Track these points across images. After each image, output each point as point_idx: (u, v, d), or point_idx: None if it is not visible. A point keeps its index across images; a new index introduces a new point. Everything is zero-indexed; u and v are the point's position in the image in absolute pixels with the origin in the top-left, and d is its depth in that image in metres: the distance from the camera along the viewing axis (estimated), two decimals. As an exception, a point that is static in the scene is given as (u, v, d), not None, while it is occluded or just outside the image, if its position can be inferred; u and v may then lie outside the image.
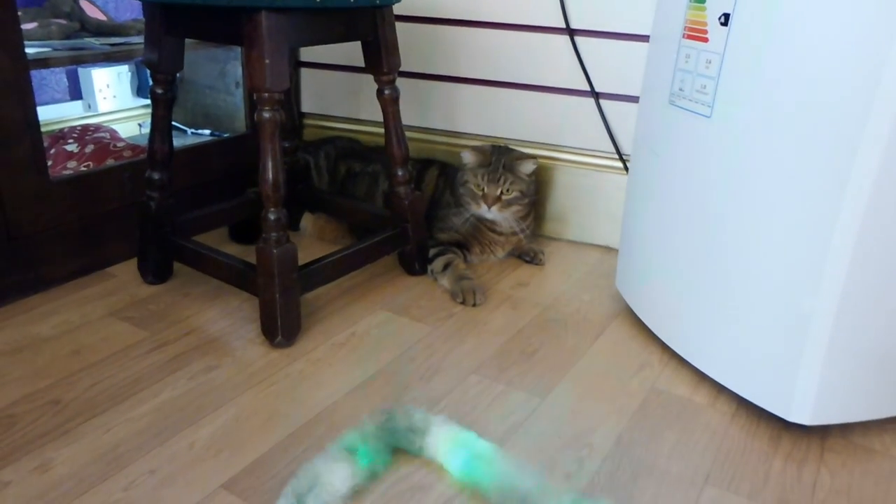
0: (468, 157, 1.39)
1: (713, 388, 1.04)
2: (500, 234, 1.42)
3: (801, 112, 0.85)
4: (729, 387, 1.01)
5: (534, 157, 1.40)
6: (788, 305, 0.90)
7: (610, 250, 1.52)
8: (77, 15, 1.55)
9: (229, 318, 1.19)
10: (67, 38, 1.45)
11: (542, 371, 1.08)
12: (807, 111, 0.84)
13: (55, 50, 1.34)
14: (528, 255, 1.46)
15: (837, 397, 0.92)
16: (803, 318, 0.88)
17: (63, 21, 1.48)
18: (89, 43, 1.43)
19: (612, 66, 1.43)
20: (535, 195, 1.45)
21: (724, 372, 1.01)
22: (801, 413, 0.93)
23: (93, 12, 1.60)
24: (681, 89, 1.02)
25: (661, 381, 1.06)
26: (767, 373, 0.94)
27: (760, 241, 0.92)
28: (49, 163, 1.24)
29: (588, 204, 1.53)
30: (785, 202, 0.88)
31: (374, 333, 1.16)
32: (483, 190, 1.35)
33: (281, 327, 1.09)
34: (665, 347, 1.14)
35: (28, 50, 1.18)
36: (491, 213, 1.35)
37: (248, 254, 1.18)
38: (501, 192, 1.35)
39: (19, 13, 1.14)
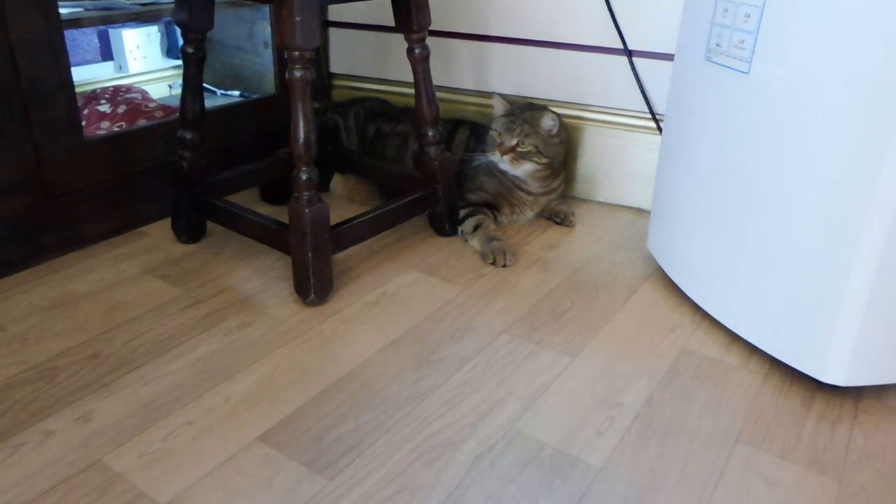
0: (497, 103, 1.41)
1: (745, 349, 1.04)
2: (529, 193, 1.40)
3: (843, 69, 0.82)
4: (762, 347, 1.00)
5: (555, 112, 1.38)
6: (825, 265, 0.89)
7: (641, 212, 1.50)
8: (107, -25, 1.55)
9: (262, 277, 1.20)
10: (99, -3, 1.46)
11: (573, 331, 1.08)
12: (849, 68, 0.82)
13: (87, 10, 1.35)
14: (558, 217, 1.45)
15: (872, 359, 0.91)
16: (840, 278, 0.87)
17: (94, -19, 1.48)
18: (120, 3, 1.43)
19: (645, 22, 1.40)
20: (562, 157, 1.43)
21: (757, 332, 1.01)
22: (834, 374, 0.92)
23: (122, -28, 1.60)
24: (718, 45, 1.00)
25: (693, 342, 1.06)
26: (801, 333, 0.93)
27: (797, 200, 0.90)
28: (83, 123, 1.26)
29: (619, 165, 1.51)
30: (823, 160, 0.86)
31: (404, 293, 1.17)
32: (499, 136, 1.35)
33: (313, 286, 1.10)
34: (697, 308, 1.14)
35: (61, 10, 1.18)
36: (504, 162, 1.34)
37: (278, 214, 1.18)
38: (517, 144, 1.34)
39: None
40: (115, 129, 1.45)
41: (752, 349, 1.04)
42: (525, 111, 1.37)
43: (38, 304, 1.11)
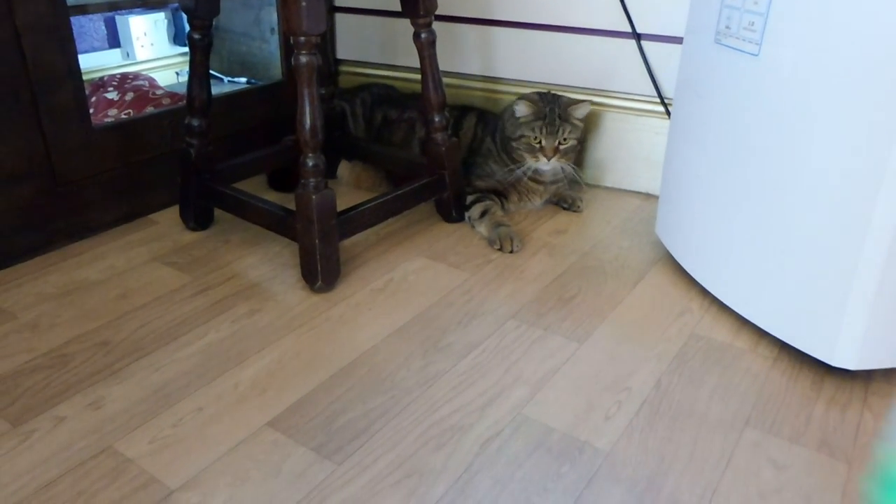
0: (522, 110, 1.33)
1: (754, 334, 1.03)
2: (541, 182, 1.40)
3: (854, 51, 0.81)
4: (771, 332, 1.00)
5: (587, 100, 1.36)
6: (835, 249, 0.88)
7: (649, 197, 1.49)
8: (113, -38, 1.54)
9: (270, 264, 1.20)
10: (105, -15, 1.45)
11: (581, 316, 1.07)
12: (860, 50, 0.81)
13: (93, -3, 1.35)
14: (566, 202, 1.44)
15: (883, 342, 0.90)
16: (850, 261, 0.86)
17: (99, -32, 1.48)
18: (126, -10, 1.43)
19: (654, 5, 1.39)
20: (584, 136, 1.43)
21: (766, 317, 1.00)
22: (844, 357, 0.91)
23: (128, -41, 1.59)
24: (727, 27, 0.99)
25: (702, 327, 1.05)
26: (811, 317, 0.93)
27: (807, 183, 0.90)
28: (90, 111, 1.26)
29: (627, 150, 1.50)
30: (833, 144, 0.86)
31: (411, 279, 1.17)
32: (541, 143, 1.31)
33: (321, 272, 1.10)
34: (706, 294, 1.13)
35: (67, -3, 1.18)
36: (550, 164, 1.33)
37: (286, 201, 1.18)
38: (559, 143, 1.33)
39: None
40: (123, 116, 1.45)
41: (761, 333, 1.03)
42: (554, 106, 1.33)
43: (49, 292, 1.11)
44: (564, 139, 1.32)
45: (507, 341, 1.01)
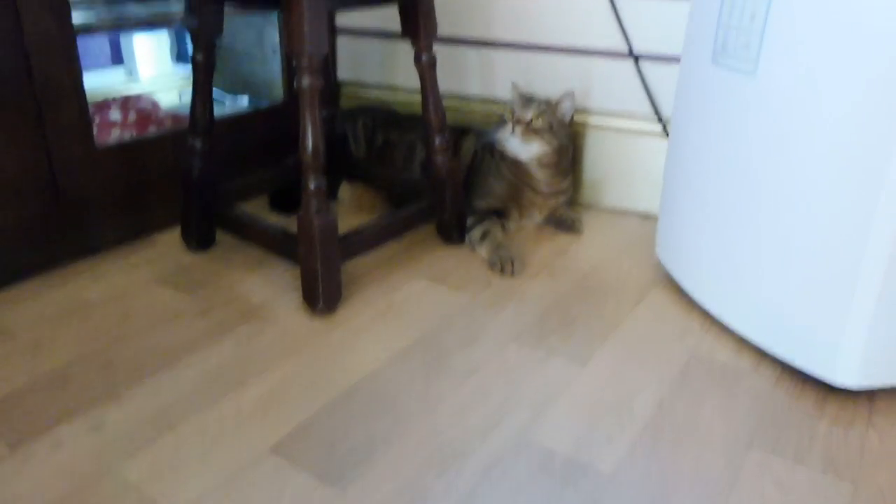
0: (511, 92, 1.41)
1: (756, 354, 1.03)
2: (539, 193, 1.40)
3: (849, 69, 0.82)
4: (772, 352, 1.00)
5: (571, 91, 1.38)
6: (834, 267, 0.88)
7: (649, 217, 1.50)
8: (118, -17, 1.56)
9: (271, 286, 1.20)
10: (110, 3, 1.47)
11: (582, 338, 1.07)
12: (855, 68, 0.82)
13: (100, 16, 1.36)
14: (565, 223, 1.45)
15: (885, 360, 0.91)
16: (849, 279, 0.87)
17: (105, -11, 1.50)
18: (131, 9, 1.44)
19: (651, 26, 1.40)
20: (570, 155, 1.43)
21: (767, 336, 1.00)
22: (846, 376, 0.91)
23: (132, -19, 1.61)
24: (724, 46, 1.00)
25: (703, 347, 1.05)
26: (811, 336, 0.93)
27: (804, 202, 0.90)
28: (94, 131, 1.26)
29: (626, 169, 1.51)
30: (830, 162, 0.86)
31: (413, 302, 1.17)
32: (513, 113, 1.36)
33: (322, 295, 1.10)
34: (706, 314, 1.13)
35: (74, 16, 1.19)
36: (515, 137, 1.34)
37: (287, 223, 1.19)
38: (532, 119, 1.34)
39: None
40: (126, 136, 1.46)
41: (763, 353, 1.03)
42: (539, 98, 1.39)
43: (50, 312, 1.11)
44: (537, 116, 1.34)
45: (510, 364, 1.01)
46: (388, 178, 1.46)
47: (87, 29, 1.31)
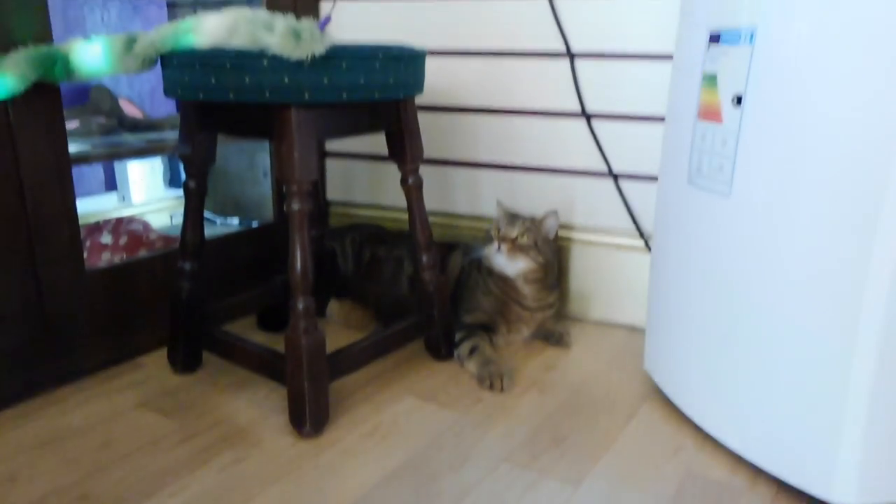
0: (497, 209, 1.46)
1: (751, 471, 1.02)
2: (526, 308, 1.41)
3: (820, 186, 0.86)
4: (767, 469, 0.98)
5: (554, 210, 1.42)
6: (822, 381, 0.88)
7: (636, 329, 1.51)
8: (116, 112, 1.62)
9: (258, 408, 1.19)
10: (106, 134, 1.52)
11: (574, 457, 1.05)
12: (825, 187, 0.85)
13: (95, 146, 1.41)
14: (553, 337, 1.45)
15: (881, 476, 0.89)
16: (839, 393, 0.87)
17: (103, 119, 1.55)
18: (126, 139, 1.50)
19: (629, 147, 1.46)
20: (556, 270, 1.46)
21: (762, 454, 0.99)
22: (844, 494, 0.90)
23: (130, 110, 1.68)
24: (698, 169, 1.04)
25: (697, 465, 1.03)
26: (805, 454, 0.92)
27: (788, 316, 0.91)
28: (84, 254, 1.28)
29: (612, 283, 1.53)
30: (810, 277, 0.88)
31: (401, 421, 1.15)
32: (499, 230, 1.39)
33: (309, 417, 1.09)
34: (699, 429, 1.12)
35: (70, 147, 1.23)
36: (501, 254, 1.36)
37: (274, 341, 1.18)
38: (517, 237, 1.36)
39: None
40: (116, 259, 1.47)
41: (758, 471, 1.01)
42: (524, 216, 1.43)
43: (29, 441, 1.08)
44: (522, 234, 1.37)
45: (501, 486, 0.99)
46: (376, 293, 1.47)
47: (83, 159, 1.35)
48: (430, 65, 1.58)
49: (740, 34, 0.94)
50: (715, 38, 0.99)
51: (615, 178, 1.49)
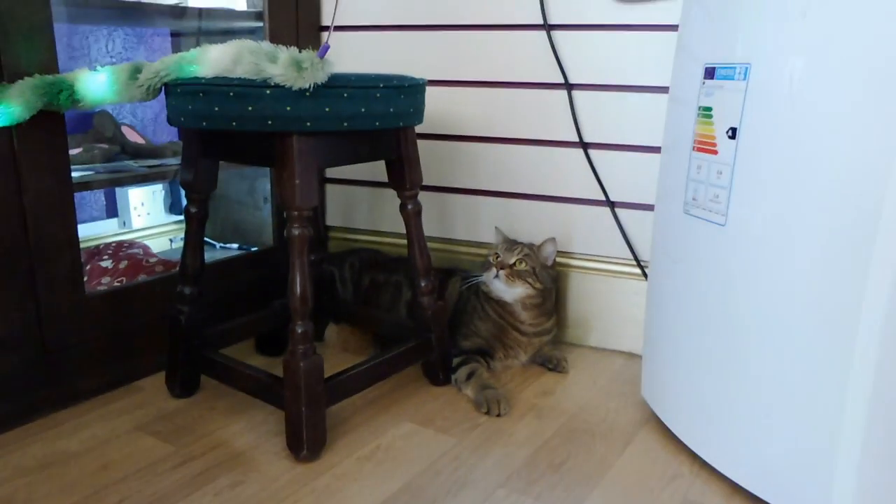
0: (496, 236, 1.50)
1: (747, 499, 1.02)
2: (523, 333, 1.42)
3: (814, 217, 0.87)
4: (763, 497, 0.98)
5: (552, 238, 1.44)
6: (817, 409, 0.89)
7: (633, 356, 1.51)
8: (118, 139, 1.64)
9: (255, 432, 1.19)
10: (108, 160, 1.54)
11: (571, 483, 1.06)
12: (819, 216, 0.87)
13: (97, 173, 1.42)
14: (551, 363, 1.46)
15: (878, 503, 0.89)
16: (834, 422, 0.87)
17: (105, 146, 1.57)
18: (128, 165, 1.51)
19: (626, 176, 1.48)
20: (553, 296, 1.47)
21: (758, 481, 0.99)
22: (840, 525, 0.90)
23: (132, 136, 1.70)
24: (694, 199, 1.06)
25: (693, 493, 1.04)
26: (802, 481, 0.92)
27: (784, 344, 0.92)
28: (84, 278, 1.29)
29: (609, 310, 1.54)
30: (805, 306, 0.89)
31: (399, 446, 1.15)
32: (497, 256, 1.40)
33: (306, 441, 1.09)
34: (695, 456, 1.12)
35: (73, 173, 1.24)
36: (499, 279, 1.37)
37: (273, 365, 1.19)
38: (515, 262, 1.38)
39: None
40: (116, 283, 1.48)
41: (755, 498, 1.01)
42: (522, 243, 1.44)
43: (28, 465, 1.09)
44: (520, 260, 1.38)
45: (497, 512, 0.99)
46: (374, 318, 1.48)
47: (86, 186, 1.37)
48: (431, 93, 1.61)
49: (735, 69, 0.96)
50: (710, 73, 1.01)
51: (612, 206, 1.50)
